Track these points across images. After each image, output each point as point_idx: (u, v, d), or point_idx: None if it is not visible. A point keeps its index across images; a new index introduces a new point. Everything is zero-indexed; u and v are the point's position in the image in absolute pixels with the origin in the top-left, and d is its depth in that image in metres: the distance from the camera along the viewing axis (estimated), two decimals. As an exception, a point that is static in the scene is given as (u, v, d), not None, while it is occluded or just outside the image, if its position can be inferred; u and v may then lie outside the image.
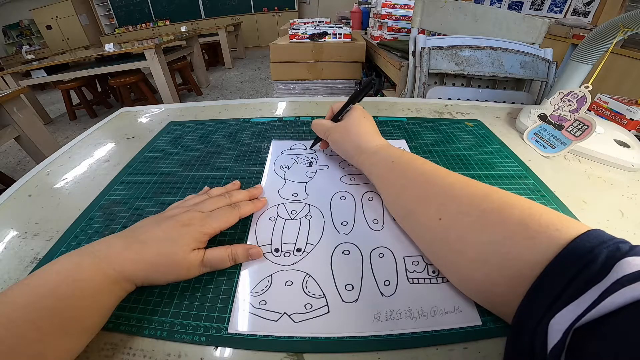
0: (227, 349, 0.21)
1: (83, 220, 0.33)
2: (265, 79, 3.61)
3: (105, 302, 0.21)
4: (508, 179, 0.36)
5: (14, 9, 5.83)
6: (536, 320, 0.16)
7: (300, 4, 5.67)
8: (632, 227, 0.30)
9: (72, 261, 0.22)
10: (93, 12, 5.82)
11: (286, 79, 1.72)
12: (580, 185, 0.36)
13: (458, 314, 0.22)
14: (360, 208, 0.32)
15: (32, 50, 4.87)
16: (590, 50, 0.46)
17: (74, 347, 0.20)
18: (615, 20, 0.40)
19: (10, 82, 2.48)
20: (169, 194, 0.35)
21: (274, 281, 0.25)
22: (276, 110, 0.57)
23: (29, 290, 0.19)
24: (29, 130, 1.45)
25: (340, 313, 0.23)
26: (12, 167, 2.11)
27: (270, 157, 0.41)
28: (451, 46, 0.76)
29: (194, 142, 0.46)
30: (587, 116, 0.40)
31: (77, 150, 0.48)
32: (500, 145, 0.44)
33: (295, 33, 1.65)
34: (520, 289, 0.18)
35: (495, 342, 0.21)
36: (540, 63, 0.73)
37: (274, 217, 0.31)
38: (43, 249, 0.30)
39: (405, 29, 1.54)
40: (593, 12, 1.78)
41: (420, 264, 0.26)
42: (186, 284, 0.25)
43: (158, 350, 0.21)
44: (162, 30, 5.73)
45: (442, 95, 0.79)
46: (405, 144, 0.43)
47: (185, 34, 3.30)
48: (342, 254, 0.27)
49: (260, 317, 0.23)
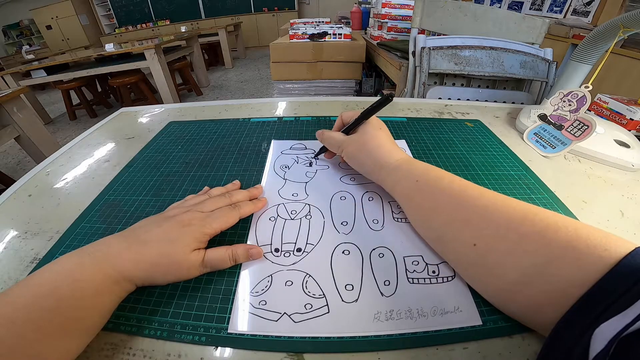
0: (227, 349, 0.21)
1: (83, 220, 0.33)
2: (265, 79, 3.61)
3: (105, 302, 0.21)
4: (508, 179, 0.36)
5: (14, 9, 5.83)
6: (579, 332, 0.16)
7: (300, 4, 5.67)
8: (632, 227, 0.30)
9: (72, 261, 0.22)
10: (93, 12, 5.82)
11: (286, 79, 1.72)
12: (580, 185, 0.36)
13: (458, 314, 0.22)
14: (360, 208, 0.32)
15: (32, 50, 4.87)
16: (590, 50, 0.46)
17: (74, 347, 0.20)
18: (615, 20, 0.40)
19: (10, 82, 2.48)
20: (169, 194, 0.35)
21: (274, 281, 0.25)
22: (276, 110, 0.57)
23: (29, 290, 0.19)
24: (29, 130, 1.45)
25: (340, 313, 0.23)
26: (12, 167, 2.11)
27: (270, 157, 0.41)
28: (451, 46, 0.76)
29: (194, 142, 0.46)
30: (587, 116, 0.40)
31: (77, 150, 0.48)
32: (500, 145, 0.44)
33: (295, 33, 1.65)
34: (564, 306, 0.18)
35: (495, 342, 0.21)
36: (540, 63, 0.73)
37: (274, 217, 0.31)
38: (43, 249, 0.30)
39: (405, 29, 1.54)
40: (593, 12, 1.78)
41: (420, 264, 0.26)
42: (186, 284, 0.25)
43: (158, 350, 0.21)
44: (162, 30, 5.73)
45: (442, 95, 0.79)
46: (405, 144, 0.43)
47: (185, 34, 3.30)
48: (342, 254, 0.27)
49: (260, 317, 0.23)
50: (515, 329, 0.22)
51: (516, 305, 0.21)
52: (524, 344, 0.21)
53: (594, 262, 0.18)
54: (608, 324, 0.15)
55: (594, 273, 0.17)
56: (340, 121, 0.37)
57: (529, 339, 0.21)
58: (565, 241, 0.19)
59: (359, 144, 0.32)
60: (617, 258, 0.17)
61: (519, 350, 0.21)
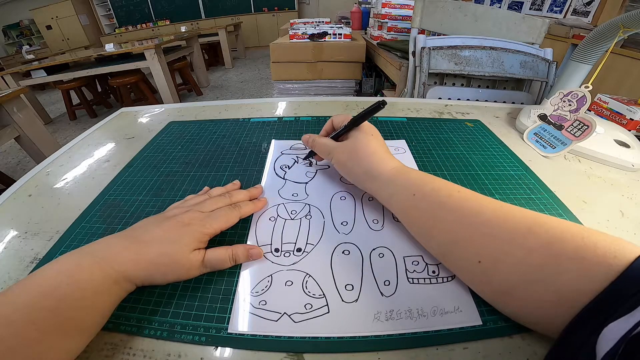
0: (227, 349, 0.21)
1: (83, 220, 0.33)
2: (265, 79, 3.61)
3: (105, 302, 0.21)
4: (508, 179, 0.36)
5: (14, 9, 5.82)
6: (587, 333, 0.16)
7: (300, 4, 5.66)
8: (632, 227, 0.30)
9: (72, 261, 0.22)
10: (93, 12, 5.81)
11: (286, 79, 1.72)
12: (580, 185, 0.36)
13: (458, 314, 0.22)
14: (360, 208, 0.32)
15: (32, 50, 4.86)
16: (590, 50, 0.46)
17: (74, 347, 0.20)
18: (615, 20, 0.40)
19: (10, 82, 2.48)
20: (169, 194, 0.35)
21: (274, 281, 0.25)
22: (276, 110, 0.57)
23: (29, 290, 0.19)
24: (29, 130, 1.45)
25: (340, 313, 0.23)
26: (12, 167, 2.11)
27: (270, 157, 0.41)
28: (451, 46, 0.76)
29: (194, 142, 0.46)
30: (587, 116, 0.40)
31: (77, 150, 0.48)
32: (500, 145, 0.44)
33: (295, 33, 1.65)
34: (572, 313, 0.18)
35: (495, 342, 0.21)
36: (540, 63, 0.73)
37: (274, 217, 0.31)
38: (43, 249, 0.30)
39: (405, 29, 1.54)
40: (593, 12, 1.78)
41: (420, 264, 0.26)
42: (186, 284, 0.25)
43: (158, 350, 0.21)
44: (162, 30, 5.73)
45: (442, 95, 0.79)
46: (405, 144, 0.43)
47: (185, 34, 3.30)
48: (342, 254, 0.27)
49: (261, 317, 0.23)
50: (515, 329, 0.22)
51: (522, 312, 0.21)
52: (523, 344, 0.21)
53: (603, 272, 0.17)
54: (616, 324, 0.15)
55: (603, 282, 0.17)
56: (331, 125, 0.35)
57: (529, 339, 0.21)
58: (573, 251, 0.19)
59: (350, 151, 0.31)
60: (626, 264, 0.17)
61: (519, 350, 0.21)
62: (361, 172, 0.30)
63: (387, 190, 0.28)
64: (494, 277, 0.21)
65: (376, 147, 0.30)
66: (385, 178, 0.28)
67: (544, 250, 0.20)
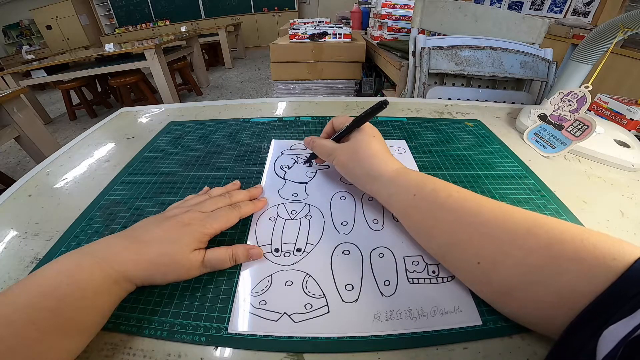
0: (227, 349, 0.21)
1: (83, 220, 0.33)
2: (265, 79, 3.61)
3: (105, 302, 0.21)
4: (508, 179, 0.36)
5: (14, 9, 5.82)
6: (587, 335, 0.16)
7: (300, 4, 5.66)
8: (632, 227, 0.30)
9: (72, 261, 0.22)
10: (93, 12, 5.81)
11: (286, 79, 1.72)
12: (580, 185, 0.36)
13: (458, 314, 0.22)
14: (360, 208, 0.32)
15: (32, 50, 4.87)
16: (590, 50, 0.46)
17: (74, 347, 0.20)
18: (615, 20, 0.40)
19: (10, 82, 2.48)
20: (169, 194, 0.35)
21: (274, 281, 0.25)
22: (276, 110, 0.57)
23: (29, 290, 0.19)
24: (29, 130, 1.45)
25: (340, 313, 0.23)
26: (12, 167, 2.11)
27: (270, 157, 0.41)
28: (451, 46, 0.76)
29: (194, 142, 0.46)
30: (587, 116, 0.40)
31: (77, 150, 0.48)
32: (500, 145, 0.44)
33: (295, 33, 1.65)
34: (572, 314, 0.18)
35: (495, 342, 0.21)
36: (540, 63, 0.73)
37: (274, 217, 0.31)
38: (43, 249, 0.30)
39: (405, 29, 1.54)
40: (593, 12, 1.78)
41: (420, 264, 0.26)
42: (186, 284, 0.25)
43: (158, 350, 0.21)
44: (162, 30, 5.73)
45: (442, 95, 0.79)
46: (405, 144, 0.43)
47: (185, 34, 3.30)
48: (342, 254, 0.27)
49: (260, 317, 0.23)
50: (515, 329, 0.22)
51: (522, 313, 0.21)
52: (523, 344, 0.21)
53: (603, 273, 0.17)
54: (616, 326, 0.15)
55: (602, 283, 0.17)
56: (331, 127, 0.35)
57: (529, 339, 0.21)
58: (572, 253, 0.19)
59: (351, 153, 0.31)
60: (625, 266, 0.17)
61: (518, 350, 0.21)
62: (362, 173, 0.30)
63: (387, 190, 0.28)
64: (493, 277, 0.21)
65: (378, 148, 0.30)
66: (386, 179, 0.28)
67: (543, 251, 0.20)
